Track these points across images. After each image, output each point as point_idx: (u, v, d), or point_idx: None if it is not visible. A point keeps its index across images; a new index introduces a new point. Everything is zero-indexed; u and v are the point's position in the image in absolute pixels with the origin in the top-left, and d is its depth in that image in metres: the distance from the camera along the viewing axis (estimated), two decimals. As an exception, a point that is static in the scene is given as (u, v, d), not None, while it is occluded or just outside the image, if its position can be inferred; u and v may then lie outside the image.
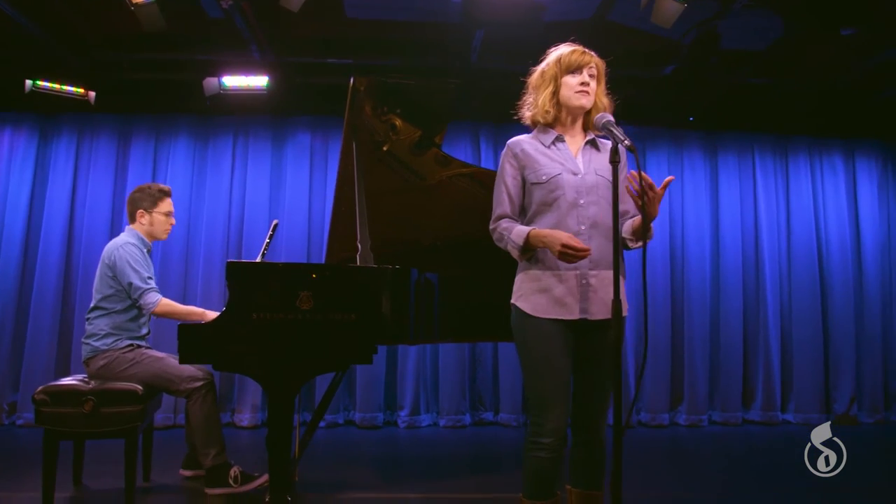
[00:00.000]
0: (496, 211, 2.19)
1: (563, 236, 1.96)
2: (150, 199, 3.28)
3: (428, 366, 5.13)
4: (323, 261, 3.94)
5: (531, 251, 2.08)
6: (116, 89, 4.91)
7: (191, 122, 5.18)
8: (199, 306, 4.86)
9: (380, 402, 5.07)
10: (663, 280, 5.34)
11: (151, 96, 5.07)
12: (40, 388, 2.83)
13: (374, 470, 3.81)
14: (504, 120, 5.36)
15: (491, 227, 2.19)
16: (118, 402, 2.86)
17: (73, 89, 4.54)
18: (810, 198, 5.50)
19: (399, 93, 3.55)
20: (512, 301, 2.15)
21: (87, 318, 3.12)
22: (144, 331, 3.21)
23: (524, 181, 2.15)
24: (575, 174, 2.10)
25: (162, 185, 3.35)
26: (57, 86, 4.44)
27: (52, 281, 4.89)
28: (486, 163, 5.35)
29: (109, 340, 3.05)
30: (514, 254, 2.11)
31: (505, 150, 2.23)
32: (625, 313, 1.98)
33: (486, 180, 4.06)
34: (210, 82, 4.34)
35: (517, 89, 2.31)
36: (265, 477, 3.11)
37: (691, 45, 4.32)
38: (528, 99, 2.24)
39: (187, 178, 5.12)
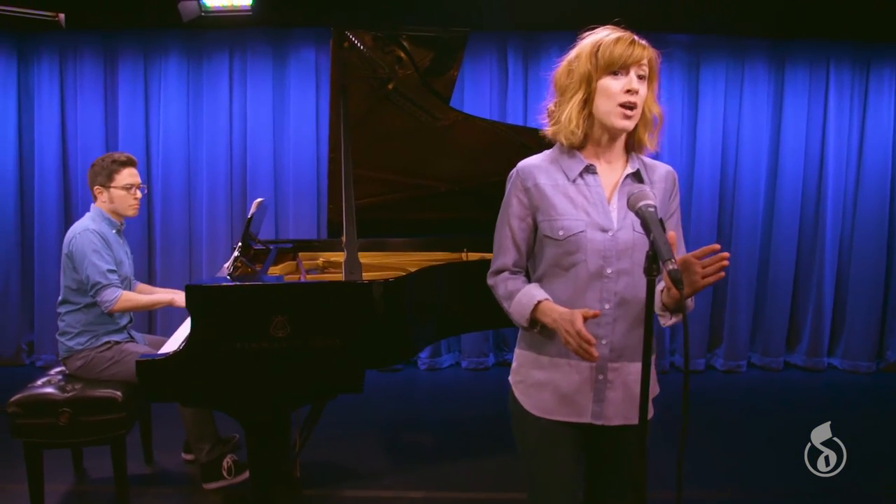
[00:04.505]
0: (497, 260, 1.67)
1: (578, 321, 1.44)
2: (104, 172, 2.86)
3: (448, 306, 4.84)
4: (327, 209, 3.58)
5: (539, 324, 1.59)
6: (94, 4, 4.33)
7: (181, 38, 4.61)
8: (206, 249, 4.66)
9: (398, 343, 4.86)
10: (710, 210, 4.80)
11: (134, 9, 4.47)
12: (12, 399, 2.63)
13: (386, 445, 3.64)
14: (536, 27, 4.65)
15: (489, 281, 1.71)
16: (98, 411, 2.65)
17: (42, 12, 3.97)
18: (891, 120, 4.72)
19: (397, 39, 2.97)
20: (510, 378, 1.73)
21: (58, 313, 2.85)
22: (124, 321, 2.93)
23: (535, 224, 1.62)
24: (604, 230, 1.54)
25: (119, 155, 2.91)
26: (21, 9, 3.89)
27: (52, 218, 4.65)
28: (514, 83, 4.68)
29: (83, 339, 2.79)
30: (517, 323, 1.63)
31: (513, 177, 1.64)
32: (650, 414, 1.59)
33: (512, 126, 3.54)
34: (187, 6, 3.71)
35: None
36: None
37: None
38: (550, 105, 1.64)
39: (182, 102, 4.66)
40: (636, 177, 1.61)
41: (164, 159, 4.63)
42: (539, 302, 1.55)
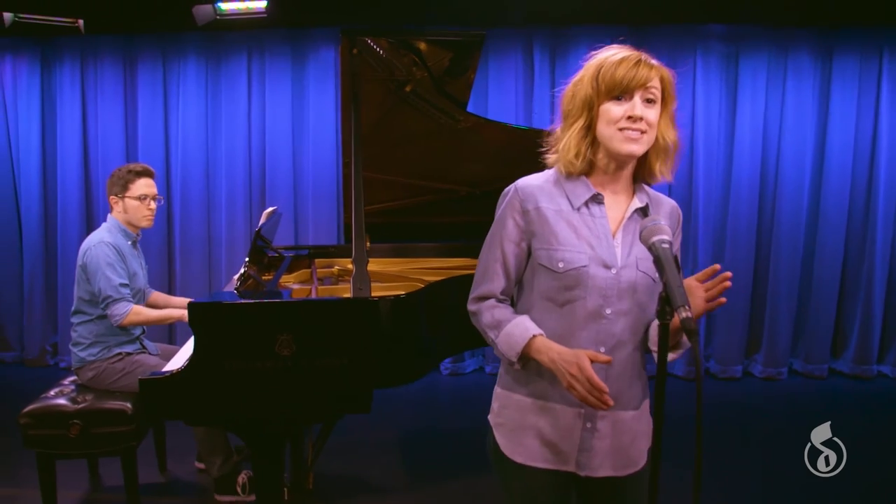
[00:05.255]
0: (482, 286, 1.49)
1: (587, 367, 1.30)
2: (119, 182, 2.82)
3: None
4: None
5: (527, 360, 1.43)
6: (113, 8, 4.31)
7: (198, 40, 4.54)
8: (225, 253, 4.62)
9: (422, 347, 4.76)
10: (748, 207, 4.55)
11: (152, 13, 4.43)
12: (25, 409, 2.60)
13: (404, 455, 3.55)
14: (564, 22, 4.45)
15: (471, 307, 1.51)
16: (108, 423, 2.61)
17: (62, 19, 3.98)
18: (951, 110, 4.40)
19: (409, 43, 2.85)
20: (490, 419, 1.55)
21: (71, 323, 2.82)
22: (137, 331, 2.88)
23: (530, 251, 1.46)
24: (608, 267, 1.39)
25: (136, 165, 2.88)
26: (42, 16, 3.89)
27: (74, 221, 4.65)
28: (540, 80, 4.50)
29: (95, 350, 2.75)
30: (503, 356, 1.46)
31: (510, 196, 1.47)
32: (641, 466, 1.46)
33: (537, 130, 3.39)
34: (201, 10, 3.64)
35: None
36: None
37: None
38: (557, 130, 1.48)
39: (201, 104, 4.61)
40: (643, 212, 1.45)
41: (182, 162, 4.60)
42: (534, 336, 1.39)
